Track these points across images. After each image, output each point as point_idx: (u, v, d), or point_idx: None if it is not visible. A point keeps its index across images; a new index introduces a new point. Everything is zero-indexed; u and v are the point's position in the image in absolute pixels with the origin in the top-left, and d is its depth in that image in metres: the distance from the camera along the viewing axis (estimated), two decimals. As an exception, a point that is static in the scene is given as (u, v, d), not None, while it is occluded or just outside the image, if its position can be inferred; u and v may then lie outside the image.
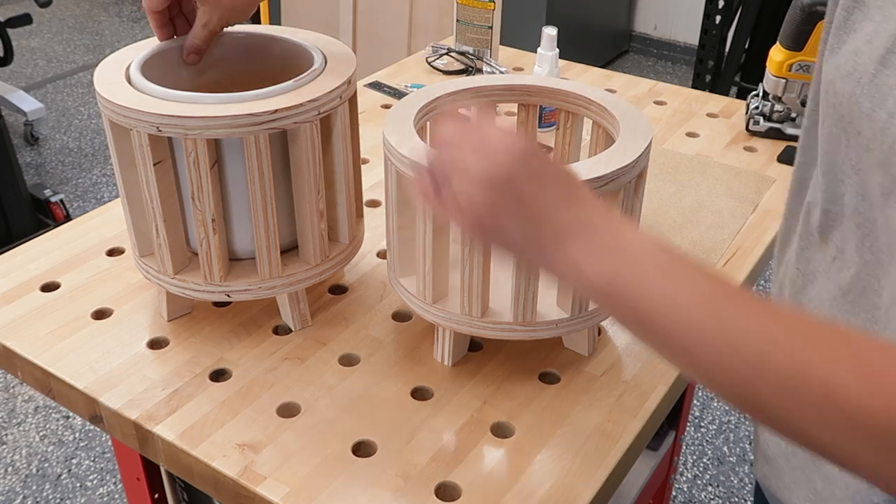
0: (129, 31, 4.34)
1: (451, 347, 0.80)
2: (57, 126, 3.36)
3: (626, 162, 0.70)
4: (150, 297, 0.89)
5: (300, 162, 0.77)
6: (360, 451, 0.72)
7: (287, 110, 0.73)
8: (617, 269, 0.49)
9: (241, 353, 0.82)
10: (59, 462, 1.88)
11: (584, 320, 0.77)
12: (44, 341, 0.83)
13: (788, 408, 0.42)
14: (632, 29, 4.07)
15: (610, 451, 0.71)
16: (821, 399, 0.41)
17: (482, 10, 1.39)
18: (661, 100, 1.35)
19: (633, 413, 0.75)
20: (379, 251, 0.97)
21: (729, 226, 1.02)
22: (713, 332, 0.45)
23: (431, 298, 0.77)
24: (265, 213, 0.77)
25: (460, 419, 0.74)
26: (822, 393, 0.41)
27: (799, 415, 0.42)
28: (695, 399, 2.06)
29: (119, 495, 1.81)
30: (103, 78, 0.77)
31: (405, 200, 0.75)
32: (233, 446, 0.71)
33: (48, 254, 0.96)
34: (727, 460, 1.91)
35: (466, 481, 0.68)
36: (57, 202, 2.53)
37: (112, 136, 0.76)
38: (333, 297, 0.90)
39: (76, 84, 3.74)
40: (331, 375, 0.79)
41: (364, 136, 1.15)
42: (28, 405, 2.03)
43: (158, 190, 0.76)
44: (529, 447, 0.72)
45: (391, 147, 0.72)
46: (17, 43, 4.03)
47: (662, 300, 0.47)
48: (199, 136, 0.71)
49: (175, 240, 0.79)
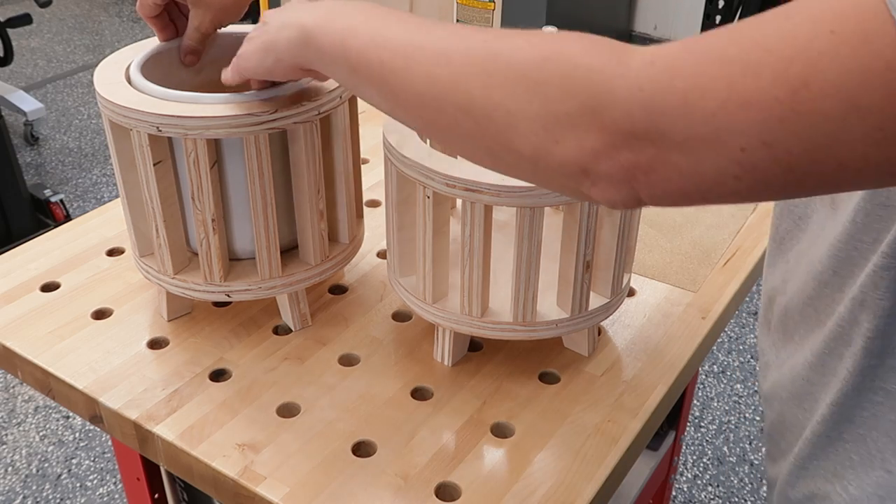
0: (129, 31, 4.34)
1: (451, 347, 0.80)
2: (57, 126, 3.36)
3: (626, 162, 0.70)
4: (150, 297, 0.89)
5: (300, 162, 0.77)
6: (360, 451, 0.72)
7: (287, 110, 0.73)
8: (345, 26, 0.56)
9: (241, 353, 0.82)
10: (59, 462, 1.88)
11: (585, 320, 0.77)
12: (44, 341, 0.83)
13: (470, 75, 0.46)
14: (632, 29, 4.07)
15: (610, 451, 0.71)
16: (493, 62, 0.45)
17: (482, 10, 1.40)
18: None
19: (633, 413, 0.75)
20: (379, 251, 0.97)
21: (729, 226, 1.02)
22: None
23: (431, 298, 0.77)
24: (265, 213, 0.77)
25: (460, 419, 0.74)
26: (492, 57, 0.46)
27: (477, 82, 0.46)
28: (695, 399, 2.06)
29: (119, 495, 1.81)
30: (103, 78, 0.77)
31: (406, 201, 0.75)
32: (233, 446, 0.71)
33: (48, 254, 0.96)
34: (727, 460, 1.91)
35: (466, 481, 0.68)
36: (57, 202, 2.53)
37: (112, 136, 0.76)
38: (333, 297, 0.90)
39: (76, 84, 3.74)
40: (331, 375, 0.79)
41: (364, 136, 1.15)
42: (28, 405, 2.03)
43: (158, 190, 0.76)
44: (529, 447, 0.72)
45: (391, 147, 0.72)
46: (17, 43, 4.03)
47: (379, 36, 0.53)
48: (199, 136, 0.71)
49: (175, 240, 0.79)
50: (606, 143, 0.41)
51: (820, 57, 0.35)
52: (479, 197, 0.68)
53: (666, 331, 0.85)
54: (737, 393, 2.10)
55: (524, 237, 0.70)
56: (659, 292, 0.91)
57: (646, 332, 0.85)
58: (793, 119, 0.36)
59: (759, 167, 0.38)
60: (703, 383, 2.13)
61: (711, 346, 0.89)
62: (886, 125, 0.35)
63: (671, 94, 0.39)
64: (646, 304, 0.89)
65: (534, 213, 0.69)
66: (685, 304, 0.89)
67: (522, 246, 0.70)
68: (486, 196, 0.68)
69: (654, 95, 0.39)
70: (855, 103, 0.35)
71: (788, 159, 0.37)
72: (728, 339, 2.28)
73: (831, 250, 0.54)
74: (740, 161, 0.38)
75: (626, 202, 0.43)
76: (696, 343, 0.84)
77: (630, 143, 0.40)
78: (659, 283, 0.92)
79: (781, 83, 0.36)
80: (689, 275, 0.93)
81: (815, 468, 0.58)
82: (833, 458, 0.56)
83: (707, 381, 2.14)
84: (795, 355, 0.60)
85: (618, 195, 0.43)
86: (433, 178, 0.69)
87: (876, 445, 0.53)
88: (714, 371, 2.17)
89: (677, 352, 0.82)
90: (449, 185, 0.69)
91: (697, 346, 0.83)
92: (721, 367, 2.18)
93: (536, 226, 0.70)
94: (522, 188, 0.67)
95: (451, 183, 0.68)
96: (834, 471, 0.56)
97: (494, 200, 0.68)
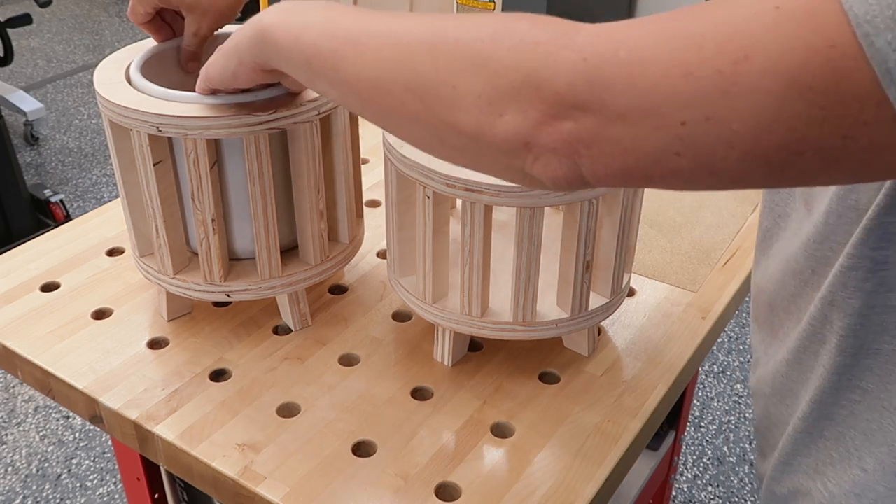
0: (129, 31, 4.34)
1: (450, 347, 0.80)
2: (57, 126, 3.36)
3: (626, 162, 0.70)
4: (150, 297, 0.89)
5: (300, 162, 0.77)
6: (360, 451, 0.72)
7: (287, 110, 0.73)
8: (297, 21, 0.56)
9: (241, 353, 0.82)
10: (59, 462, 1.88)
11: (584, 320, 0.77)
12: (44, 341, 0.83)
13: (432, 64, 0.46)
14: (632, 29, 4.06)
15: (610, 451, 0.71)
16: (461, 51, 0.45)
17: (482, 10, 1.40)
18: (661, 100, 1.34)
19: (633, 413, 0.75)
20: (379, 251, 0.97)
21: (729, 226, 1.03)
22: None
23: (431, 298, 0.77)
24: (265, 213, 0.77)
25: (460, 419, 0.74)
26: (441, 36, 0.45)
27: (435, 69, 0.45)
28: (695, 399, 2.06)
29: (119, 495, 1.81)
30: (103, 78, 0.77)
31: (406, 201, 0.75)
32: (233, 446, 0.71)
33: (48, 254, 0.96)
34: (727, 460, 1.91)
35: (466, 481, 0.68)
36: (57, 202, 2.53)
37: (112, 136, 0.77)
38: (333, 297, 0.90)
39: (76, 84, 3.74)
40: (331, 375, 0.79)
41: (364, 136, 1.15)
42: (28, 405, 2.03)
43: (158, 190, 0.76)
44: (529, 447, 0.72)
45: (391, 147, 0.72)
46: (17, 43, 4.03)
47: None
48: (199, 136, 0.71)
49: (175, 240, 0.80)
50: (549, 115, 0.41)
51: (764, 31, 0.35)
52: (479, 197, 0.68)
53: (666, 331, 0.85)
54: (737, 393, 2.10)
55: (524, 237, 0.70)
56: (659, 292, 0.91)
57: (646, 332, 0.85)
58: (734, 93, 0.36)
59: (701, 144, 0.38)
60: (703, 383, 2.13)
61: (711, 346, 0.89)
62: (827, 105, 0.35)
63: (614, 65, 0.39)
64: (646, 304, 0.89)
65: (534, 212, 0.69)
66: (685, 304, 0.89)
67: (522, 246, 0.71)
68: (485, 196, 0.68)
69: (597, 66, 0.39)
70: (796, 80, 0.35)
71: (730, 136, 0.37)
72: (728, 339, 2.28)
73: (808, 250, 0.54)
74: (681, 136, 0.38)
75: (568, 178, 0.43)
76: (696, 343, 0.84)
77: (572, 113, 0.40)
78: (659, 283, 0.92)
79: (723, 55, 0.36)
80: (689, 275, 0.93)
81: (798, 464, 0.59)
82: (814, 455, 0.57)
83: (707, 381, 2.14)
84: (780, 351, 0.60)
85: (559, 170, 0.42)
86: (433, 177, 0.69)
87: (854, 443, 0.54)
88: (714, 371, 2.17)
89: (677, 352, 0.82)
90: (449, 185, 0.69)
91: (697, 346, 0.83)
92: (721, 367, 2.18)
93: (536, 226, 0.70)
94: (522, 188, 0.67)
95: (450, 183, 0.68)
96: (815, 467, 0.57)
97: (494, 200, 0.68)
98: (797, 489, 0.59)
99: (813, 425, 0.56)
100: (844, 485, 0.54)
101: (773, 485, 0.62)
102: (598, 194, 0.70)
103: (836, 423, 0.55)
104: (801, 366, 0.57)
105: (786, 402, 0.60)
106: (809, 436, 0.57)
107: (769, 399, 0.63)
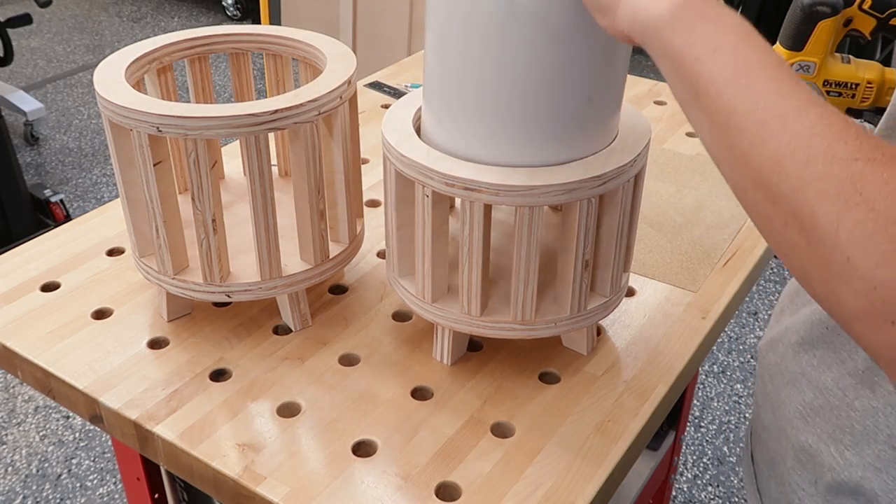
0: (129, 31, 4.34)
1: (450, 347, 0.80)
2: (57, 126, 3.36)
3: (625, 161, 0.70)
4: (150, 297, 0.89)
5: (300, 162, 0.77)
6: (361, 450, 0.72)
7: (287, 110, 0.73)
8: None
9: (241, 353, 0.82)
10: (59, 462, 1.88)
11: (584, 319, 0.77)
12: (44, 341, 0.83)
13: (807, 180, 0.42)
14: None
15: (610, 451, 0.71)
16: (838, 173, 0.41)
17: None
18: (660, 100, 1.35)
19: (633, 413, 0.75)
20: (379, 251, 0.97)
21: (729, 226, 1.03)
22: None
23: (431, 298, 0.77)
24: (265, 213, 0.77)
25: (460, 419, 0.74)
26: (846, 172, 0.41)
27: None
28: (695, 399, 2.06)
29: (119, 495, 1.81)
30: (103, 78, 0.77)
31: (405, 200, 0.75)
32: (233, 446, 0.71)
33: (48, 254, 0.96)
34: (727, 460, 1.91)
35: (466, 481, 0.68)
36: (57, 202, 2.53)
37: (112, 137, 0.77)
38: (333, 297, 0.90)
39: (76, 84, 3.74)
40: (331, 375, 0.79)
41: (364, 136, 1.15)
42: (28, 405, 2.03)
43: (158, 190, 0.76)
44: (529, 447, 0.72)
45: (390, 146, 0.72)
46: (17, 43, 4.03)
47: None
48: (199, 136, 0.71)
49: (175, 240, 0.80)
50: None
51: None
52: (478, 196, 0.68)
53: (666, 331, 0.85)
54: (737, 393, 2.10)
55: (523, 236, 0.70)
56: (659, 292, 0.91)
57: (646, 332, 0.85)
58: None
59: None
60: (703, 383, 2.13)
61: (711, 346, 0.89)
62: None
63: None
64: (646, 304, 0.89)
65: (533, 212, 0.69)
66: (685, 304, 0.89)
67: (522, 245, 0.71)
68: (485, 195, 0.68)
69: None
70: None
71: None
72: (728, 339, 2.28)
73: None
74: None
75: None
76: (696, 343, 0.84)
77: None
78: (659, 283, 0.92)
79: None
80: (689, 275, 0.93)
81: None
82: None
83: (707, 381, 2.14)
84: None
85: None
86: (432, 177, 0.69)
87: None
88: (714, 371, 2.17)
89: (677, 352, 0.82)
90: (448, 185, 0.69)
91: (697, 346, 0.83)
92: (721, 367, 2.18)
93: (536, 225, 0.70)
94: (521, 187, 0.67)
95: (449, 182, 0.68)
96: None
97: (493, 199, 0.68)
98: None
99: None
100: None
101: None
102: (597, 193, 0.70)
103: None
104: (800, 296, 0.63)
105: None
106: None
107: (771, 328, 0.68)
